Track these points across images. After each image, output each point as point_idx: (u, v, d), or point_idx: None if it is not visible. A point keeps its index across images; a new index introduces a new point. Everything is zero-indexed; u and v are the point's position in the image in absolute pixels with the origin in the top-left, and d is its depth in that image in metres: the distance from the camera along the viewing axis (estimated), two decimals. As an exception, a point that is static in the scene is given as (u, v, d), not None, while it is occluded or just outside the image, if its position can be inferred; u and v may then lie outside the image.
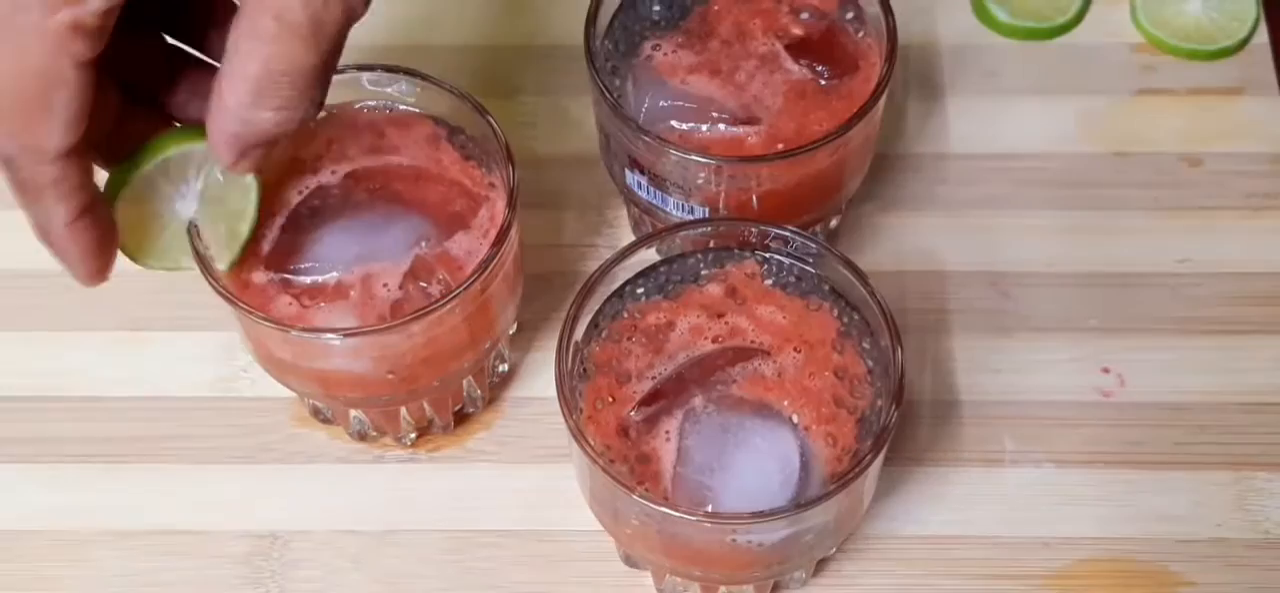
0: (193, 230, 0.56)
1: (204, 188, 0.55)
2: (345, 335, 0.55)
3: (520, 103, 0.74)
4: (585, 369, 0.55)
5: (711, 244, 0.58)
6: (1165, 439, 0.63)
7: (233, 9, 0.46)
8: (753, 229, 0.57)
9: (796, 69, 0.62)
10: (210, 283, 0.56)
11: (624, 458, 0.53)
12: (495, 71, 0.75)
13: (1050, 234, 0.69)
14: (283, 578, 0.60)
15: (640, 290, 0.57)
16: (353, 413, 0.62)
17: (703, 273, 0.57)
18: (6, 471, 0.63)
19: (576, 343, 0.55)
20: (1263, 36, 0.75)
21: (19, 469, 0.63)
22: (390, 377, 0.58)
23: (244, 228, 0.57)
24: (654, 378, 0.55)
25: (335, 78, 0.60)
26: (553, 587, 0.60)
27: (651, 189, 0.62)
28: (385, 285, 0.57)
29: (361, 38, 0.76)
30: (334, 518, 0.62)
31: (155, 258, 0.55)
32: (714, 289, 0.57)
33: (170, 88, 0.53)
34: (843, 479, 0.51)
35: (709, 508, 0.51)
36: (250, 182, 0.56)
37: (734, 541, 0.52)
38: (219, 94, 0.47)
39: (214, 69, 0.48)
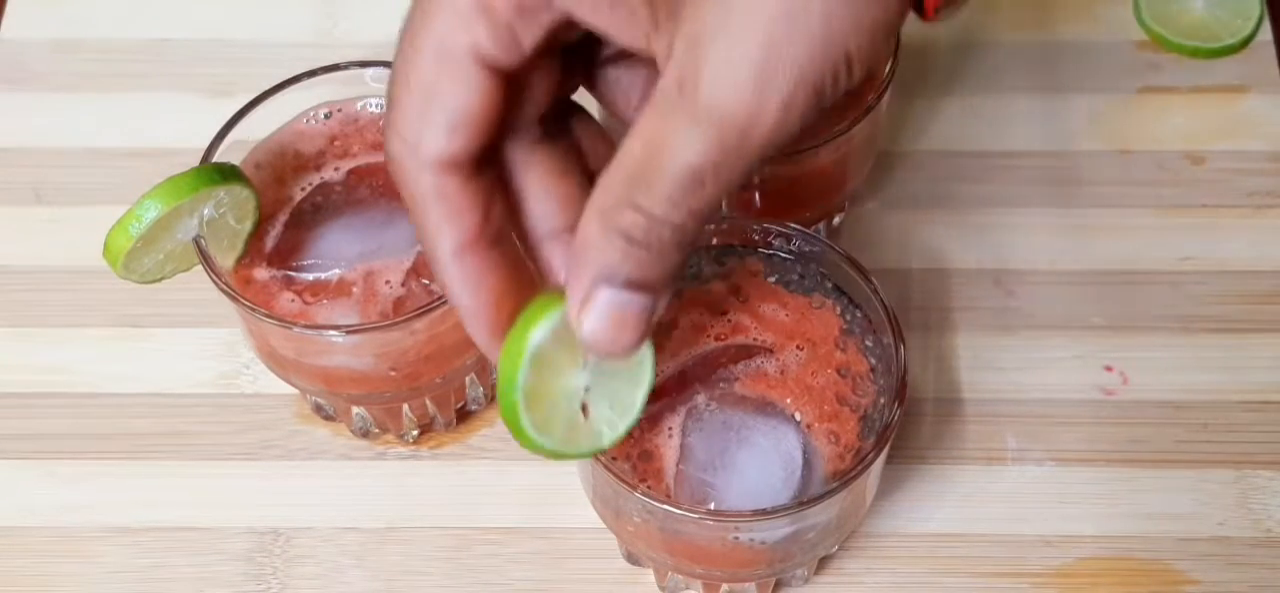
0: (197, 243, 0.56)
1: (207, 215, 0.55)
2: (347, 332, 0.55)
3: (523, 99, 0.74)
4: (588, 366, 0.55)
5: (714, 241, 0.58)
6: (1167, 437, 0.63)
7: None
8: (755, 226, 0.57)
9: (799, 66, 0.62)
10: (213, 280, 0.56)
11: (626, 455, 0.53)
12: (498, 68, 0.74)
13: (1053, 232, 0.69)
14: (284, 575, 0.60)
15: (643, 288, 0.57)
16: (355, 410, 0.62)
17: (705, 270, 0.57)
18: (8, 467, 0.63)
19: (579, 340, 0.55)
20: (1266, 34, 0.75)
21: (21, 466, 0.63)
22: (392, 374, 0.58)
23: (246, 226, 0.57)
24: (656, 375, 0.54)
25: (338, 74, 0.61)
26: (554, 584, 0.60)
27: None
28: (388, 282, 0.57)
29: (365, 34, 0.77)
30: (336, 515, 0.62)
31: (140, 276, 0.56)
32: (717, 286, 0.57)
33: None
34: (845, 477, 0.51)
35: (711, 506, 0.51)
36: (247, 195, 0.56)
37: (736, 538, 0.52)
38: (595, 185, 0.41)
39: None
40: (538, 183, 0.44)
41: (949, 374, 0.65)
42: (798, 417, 0.53)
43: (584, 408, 0.47)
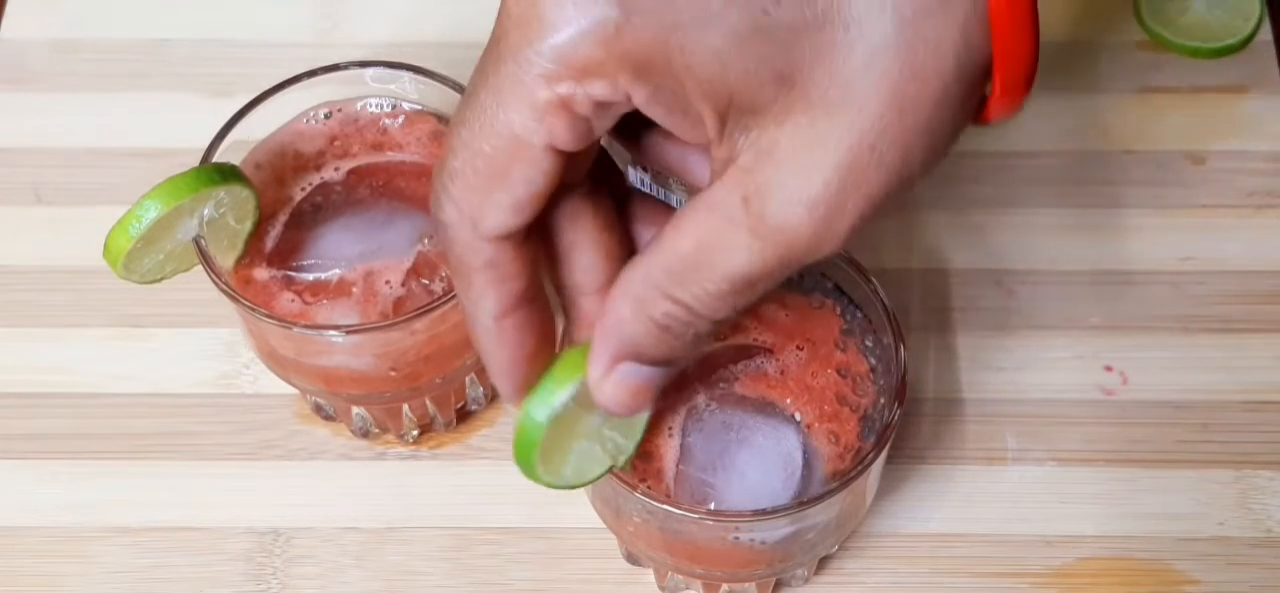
0: (197, 243, 0.56)
1: (207, 215, 0.55)
2: (347, 332, 0.55)
3: (523, 99, 0.74)
4: (588, 366, 0.55)
5: (714, 242, 0.57)
6: (1167, 437, 0.63)
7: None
8: (755, 227, 0.57)
9: (799, 66, 0.62)
10: (213, 280, 0.56)
11: (626, 455, 0.53)
12: (498, 68, 0.74)
13: (1053, 232, 0.69)
14: (284, 575, 0.60)
15: (643, 288, 0.57)
16: (355, 410, 0.62)
17: (705, 270, 0.57)
18: (8, 467, 0.63)
19: (579, 340, 0.55)
20: (1266, 34, 0.75)
21: (20, 466, 0.63)
22: (392, 374, 0.58)
23: (246, 226, 0.57)
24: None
25: (338, 74, 0.61)
26: (554, 584, 0.60)
27: (654, 186, 0.62)
28: (388, 282, 0.57)
29: (365, 34, 0.77)
30: (336, 515, 0.62)
31: (140, 276, 0.56)
32: (716, 287, 0.57)
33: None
34: (845, 477, 0.51)
35: (711, 506, 0.51)
36: (247, 195, 0.56)
37: (736, 539, 0.52)
38: (630, 263, 0.42)
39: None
40: (586, 236, 0.44)
41: (949, 374, 0.65)
42: (798, 417, 0.53)
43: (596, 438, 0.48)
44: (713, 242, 0.40)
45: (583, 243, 0.44)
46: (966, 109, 0.38)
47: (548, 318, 0.45)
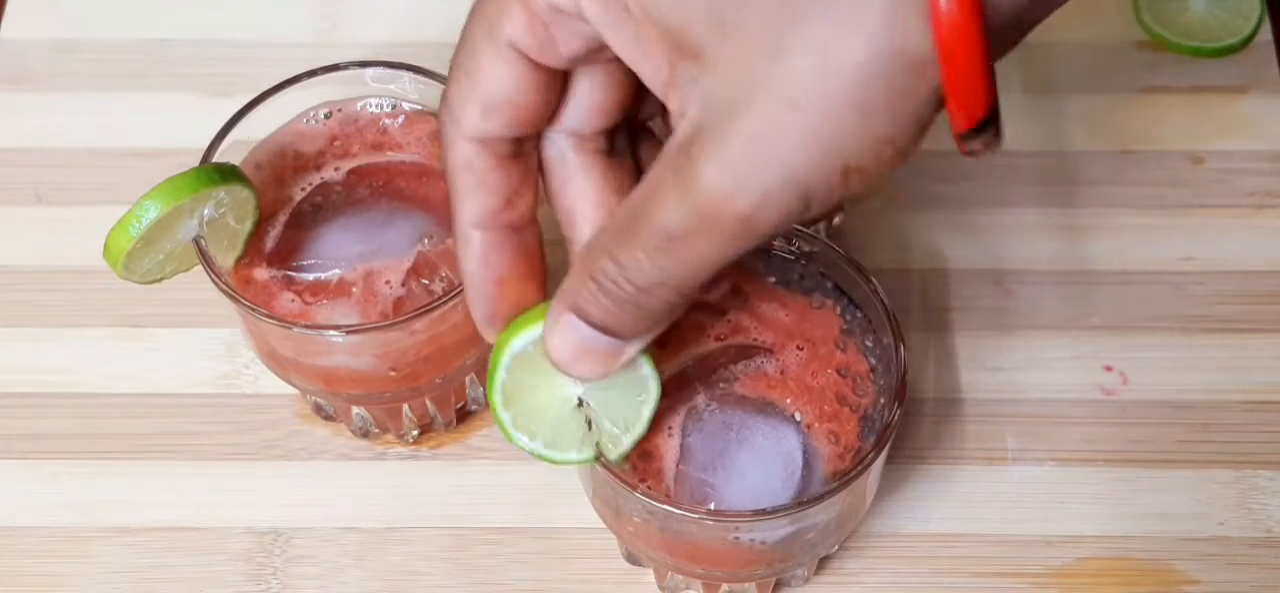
0: (197, 243, 0.56)
1: (207, 215, 0.55)
2: (347, 332, 0.55)
3: (523, 99, 0.74)
4: (588, 366, 0.55)
5: (714, 241, 0.57)
6: (1167, 438, 0.63)
7: None
8: (755, 227, 0.57)
9: (799, 66, 0.62)
10: (212, 280, 0.56)
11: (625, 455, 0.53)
12: (498, 68, 0.74)
13: (1053, 232, 0.69)
14: (284, 575, 0.60)
15: (643, 288, 0.57)
16: (355, 410, 0.62)
17: (705, 270, 0.57)
18: (8, 467, 0.63)
19: (579, 340, 0.55)
20: (1266, 34, 0.75)
21: (20, 466, 0.63)
22: (392, 374, 0.58)
23: (246, 226, 0.57)
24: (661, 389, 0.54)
25: (338, 74, 0.61)
26: (554, 584, 0.60)
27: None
28: (388, 282, 0.57)
29: (365, 34, 0.77)
30: (336, 515, 0.62)
31: (140, 276, 0.56)
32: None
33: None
34: (845, 477, 0.51)
35: (711, 506, 0.51)
36: (247, 195, 0.56)
37: (736, 539, 0.52)
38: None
39: None
40: (593, 193, 0.45)
41: (948, 374, 0.65)
42: (798, 417, 0.53)
43: (589, 422, 0.49)
44: (652, 192, 0.39)
45: (589, 199, 0.45)
46: (914, 99, 0.36)
47: (531, 258, 0.46)
